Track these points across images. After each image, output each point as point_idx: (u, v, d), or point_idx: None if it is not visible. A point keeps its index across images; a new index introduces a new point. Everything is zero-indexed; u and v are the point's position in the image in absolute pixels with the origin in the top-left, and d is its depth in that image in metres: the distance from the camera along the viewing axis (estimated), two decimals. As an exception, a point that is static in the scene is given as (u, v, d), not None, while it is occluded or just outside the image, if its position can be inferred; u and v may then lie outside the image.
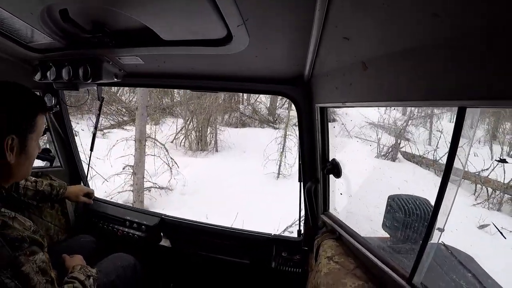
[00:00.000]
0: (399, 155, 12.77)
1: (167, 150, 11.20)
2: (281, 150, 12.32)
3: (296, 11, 1.34)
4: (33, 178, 2.40)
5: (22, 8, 1.65)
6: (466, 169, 8.84)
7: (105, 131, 13.88)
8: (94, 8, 1.61)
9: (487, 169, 9.85)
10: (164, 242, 3.10)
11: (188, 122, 14.32)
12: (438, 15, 0.88)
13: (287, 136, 12.47)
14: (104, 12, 1.63)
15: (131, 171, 9.81)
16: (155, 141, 11.41)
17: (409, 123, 13.35)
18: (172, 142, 14.00)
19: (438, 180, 1.25)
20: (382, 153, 12.78)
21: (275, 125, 15.88)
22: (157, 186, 10.43)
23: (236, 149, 14.07)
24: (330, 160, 2.31)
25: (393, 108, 13.46)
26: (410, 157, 12.64)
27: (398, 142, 12.82)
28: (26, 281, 1.32)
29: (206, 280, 3.12)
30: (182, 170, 11.17)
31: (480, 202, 9.34)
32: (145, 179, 9.84)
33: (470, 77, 0.88)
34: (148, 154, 10.34)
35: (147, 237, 3.04)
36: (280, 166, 12.10)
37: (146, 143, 10.06)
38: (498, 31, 0.76)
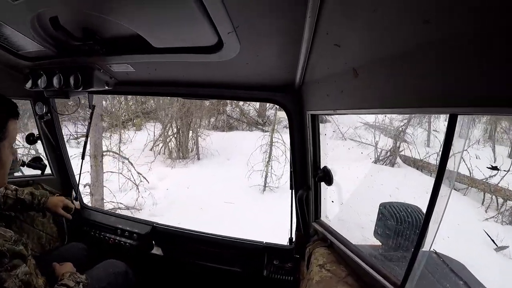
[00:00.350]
0: (398, 160, 11.81)
1: (132, 164, 10.02)
2: (267, 159, 11.24)
3: (287, 18, 1.34)
4: (14, 187, 2.37)
5: (12, 16, 1.65)
6: (472, 176, 8.74)
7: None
8: (85, 15, 1.60)
9: (494, 176, 8.73)
10: (156, 251, 3.09)
11: (168, 128, 13.23)
12: (428, 21, 0.89)
13: (273, 144, 11.49)
14: (94, 20, 1.62)
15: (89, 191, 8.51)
16: (118, 155, 10.33)
17: (410, 123, 12.21)
18: (151, 150, 12.98)
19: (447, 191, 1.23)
20: (380, 158, 11.86)
21: (264, 128, 15.05)
22: (122, 207, 9.13)
23: (220, 156, 13.17)
24: (321, 167, 2.31)
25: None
26: (410, 162, 11.70)
27: (397, 144, 11.83)
28: None
29: None
30: (157, 183, 10.52)
31: (493, 216, 8.12)
32: (105, 200, 8.82)
33: (461, 84, 0.88)
34: (107, 172, 9.28)
35: (138, 245, 3.03)
36: (266, 177, 10.96)
37: (109, 156, 9.56)
38: (489, 37, 0.76)
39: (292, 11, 1.27)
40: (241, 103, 15.88)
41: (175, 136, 13.31)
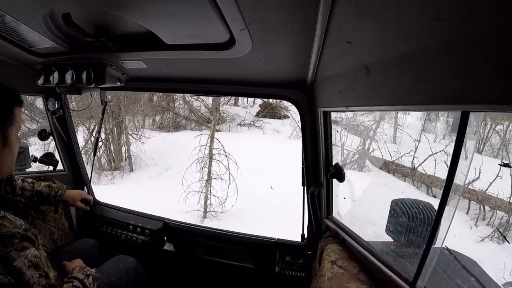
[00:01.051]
0: (367, 162, 10.70)
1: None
2: (206, 177, 8.75)
3: (299, 15, 1.34)
4: (31, 179, 2.40)
5: (25, 12, 1.66)
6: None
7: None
8: (97, 12, 1.61)
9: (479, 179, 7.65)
10: (168, 247, 3.11)
11: (92, 132, 10.60)
12: (441, 19, 0.88)
13: (212, 158, 8.73)
14: (107, 16, 1.63)
15: None
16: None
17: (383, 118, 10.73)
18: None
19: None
20: (347, 161, 10.40)
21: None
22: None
23: (157, 166, 10.96)
24: (333, 164, 2.31)
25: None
26: (381, 165, 10.29)
27: (365, 144, 10.71)
28: (18, 276, 1.33)
29: (210, 284, 3.12)
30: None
31: (489, 235, 6.86)
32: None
33: (473, 81, 0.88)
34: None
35: (150, 241, 3.04)
36: (206, 201, 8.64)
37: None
38: (502, 34, 0.75)
39: (304, 8, 1.26)
40: (190, 98, 14.35)
41: (104, 142, 11.03)
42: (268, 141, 12.50)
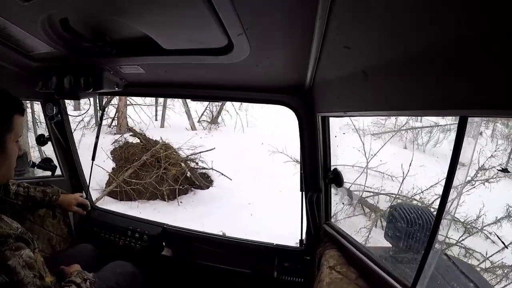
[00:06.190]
0: None
1: None
2: None
3: (297, 20, 1.34)
4: (26, 184, 2.40)
5: (22, 17, 1.66)
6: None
7: None
8: (95, 17, 1.61)
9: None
10: (166, 252, 3.09)
11: None
12: (438, 23, 0.88)
13: None
14: (105, 21, 1.63)
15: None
16: None
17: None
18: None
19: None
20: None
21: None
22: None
23: None
24: (332, 169, 2.31)
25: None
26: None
27: None
28: (13, 275, 1.35)
29: None
30: None
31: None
32: None
33: (471, 86, 0.88)
34: None
35: (148, 247, 3.03)
36: None
37: None
38: (499, 39, 0.75)
39: (302, 13, 1.26)
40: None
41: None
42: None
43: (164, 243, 3.10)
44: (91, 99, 2.88)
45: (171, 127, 15.12)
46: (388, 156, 8.56)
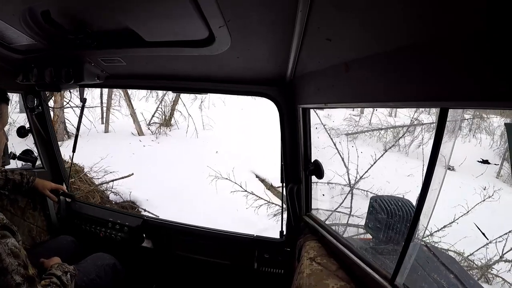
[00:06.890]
0: None
1: None
2: None
3: (278, 12, 1.34)
4: (3, 169, 2.43)
5: (3, 9, 1.64)
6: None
7: None
8: (76, 9, 1.59)
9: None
10: (147, 244, 3.10)
11: None
12: (421, 16, 0.89)
13: None
14: (86, 14, 1.61)
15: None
16: None
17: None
18: None
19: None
20: None
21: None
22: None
23: None
24: (312, 161, 2.32)
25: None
26: None
27: None
28: None
29: (188, 280, 3.13)
30: None
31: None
32: None
33: (452, 78, 0.89)
34: None
35: (129, 239, 3.04)
36: None
37: None
38: (481, 33, 0.77)
39: (283, 5, 1.26)
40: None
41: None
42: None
43: (144, 235, 3.10)
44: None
45: (115, 132, 13.61)
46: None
